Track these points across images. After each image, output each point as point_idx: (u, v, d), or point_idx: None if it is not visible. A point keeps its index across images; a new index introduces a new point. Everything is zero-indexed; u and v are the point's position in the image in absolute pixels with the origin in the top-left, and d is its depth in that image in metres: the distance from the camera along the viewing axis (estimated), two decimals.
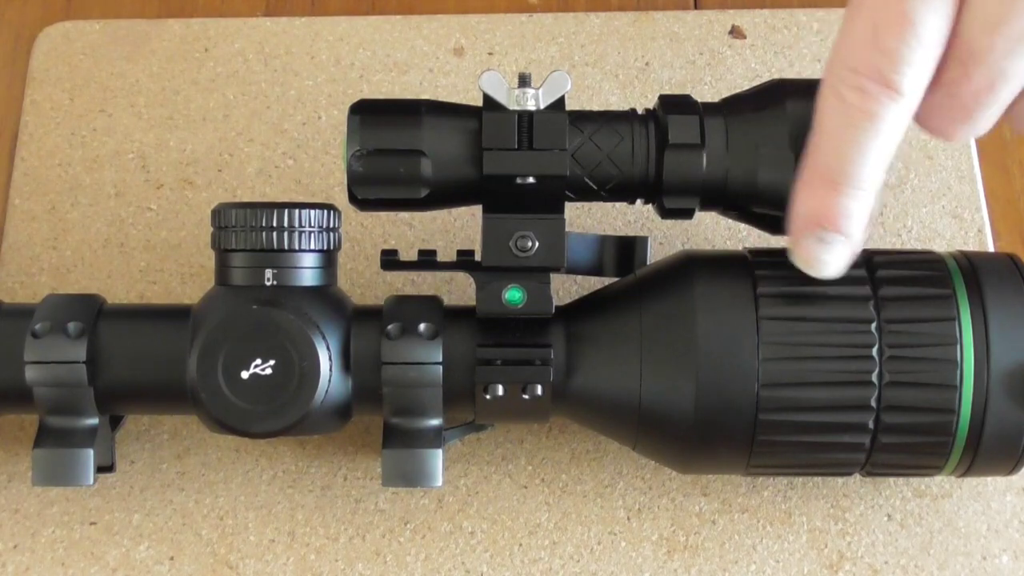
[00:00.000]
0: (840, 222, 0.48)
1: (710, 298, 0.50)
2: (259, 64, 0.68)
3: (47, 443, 0.52)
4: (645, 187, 0.51)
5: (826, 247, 0.48)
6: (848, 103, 0.46)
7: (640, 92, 0.67)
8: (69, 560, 0.57)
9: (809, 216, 0.48)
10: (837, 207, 0.47)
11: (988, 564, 0.57)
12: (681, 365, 0.50)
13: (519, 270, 0.51)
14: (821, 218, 0.48)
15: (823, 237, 0.48)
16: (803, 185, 0.48)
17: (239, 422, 0.50)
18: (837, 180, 0.47)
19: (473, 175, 0.50)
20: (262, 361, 0.49)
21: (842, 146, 0.47)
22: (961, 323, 0.49)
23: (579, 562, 0.57)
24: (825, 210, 0.48)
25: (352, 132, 0.50)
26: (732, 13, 0.69)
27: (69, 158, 0.66)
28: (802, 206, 0.48)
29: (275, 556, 0.57)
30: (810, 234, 0.48)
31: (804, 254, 0.49)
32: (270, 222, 0.50)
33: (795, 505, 0.58)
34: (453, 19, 0.70)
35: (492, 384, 0.51)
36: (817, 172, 0.48)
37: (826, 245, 0.48)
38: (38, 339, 0.51)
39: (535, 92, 0.49)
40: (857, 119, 0.46)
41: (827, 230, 0.48)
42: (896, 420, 0.49)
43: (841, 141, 0.47)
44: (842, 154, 0.47)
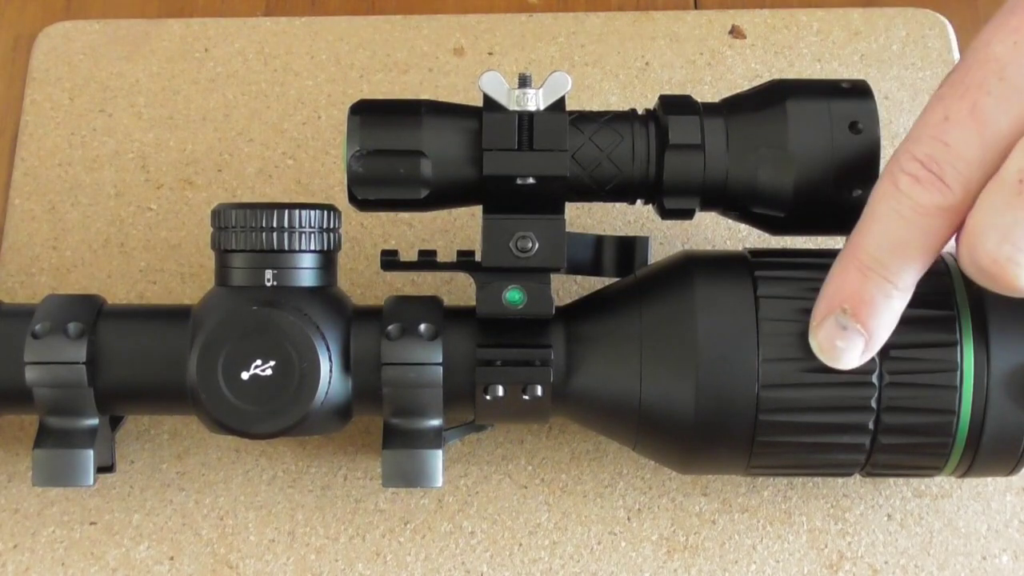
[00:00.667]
0: (862, 310, 0.47)
1: (710, 299, 0.50)
2: (259, 64, 0.68)
3: (47, 443, 0.52)
4: (645, 187, 0.51)
5: (843, 335, 0.47)
6: (899, 187, 0.46)
7: (640, 92, 0.67)
8: (69, 560, 0.57)
9: (833, 296, 0.48)
10: (863, 293, 0.47)
11: (988, 564, 0.57)
12: (681, 366, 0.50)
13: (519, 270, 0.51)
14: (844, 300, 0.47)
15: (843, 322, 0.47)
16: (837, 265, 0.48)
17: (239, 423, 0.50)
18: (870, 266, 0.47)
19: (473, 176, 0.50)
20: (262, 362, 0.49)
21: (882, 231, 0.46)
22: (961, 324, 0.49)
23: (579, 562, 0.57)
24: (850, 294, 0.47)
25: (352, 132, 0.50)
26: (732, 13, 0.69)
27: (69, 158, 0.66)
28: (831, 285, 0.48)
29: (275, 556, 0.57)
30: (832, 316, 0.48)
31: (822, 337, 0.48)
32: (270, 223, 0.50)
33: (795, 505, 0.58)
34: (453, 19, 0.70)
35: (492, 385, 0.51)
36: (854, 254, 0.47)
37: (843, 332, 0.47)
38: (38, 340, 0.51)
39: (535, 92, 0.49)
40: (903, 205, 0.46)
41: (847, 316, 0.47)
42: (896, 421, 0.49)
43: (882, 226, 0.46)
44: (880, 240, 0.46)
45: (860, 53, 0.68)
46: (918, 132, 0.46)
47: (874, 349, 0.48)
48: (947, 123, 0.45)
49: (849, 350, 0.48)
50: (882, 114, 0.50)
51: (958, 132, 0.45)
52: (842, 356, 0.48)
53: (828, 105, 0.50)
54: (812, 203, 0.50)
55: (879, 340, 0.48)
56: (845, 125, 0.50)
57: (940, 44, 0.68)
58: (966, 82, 0.45)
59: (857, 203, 0.49)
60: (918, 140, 0.46)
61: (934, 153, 0.45)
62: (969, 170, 0.45)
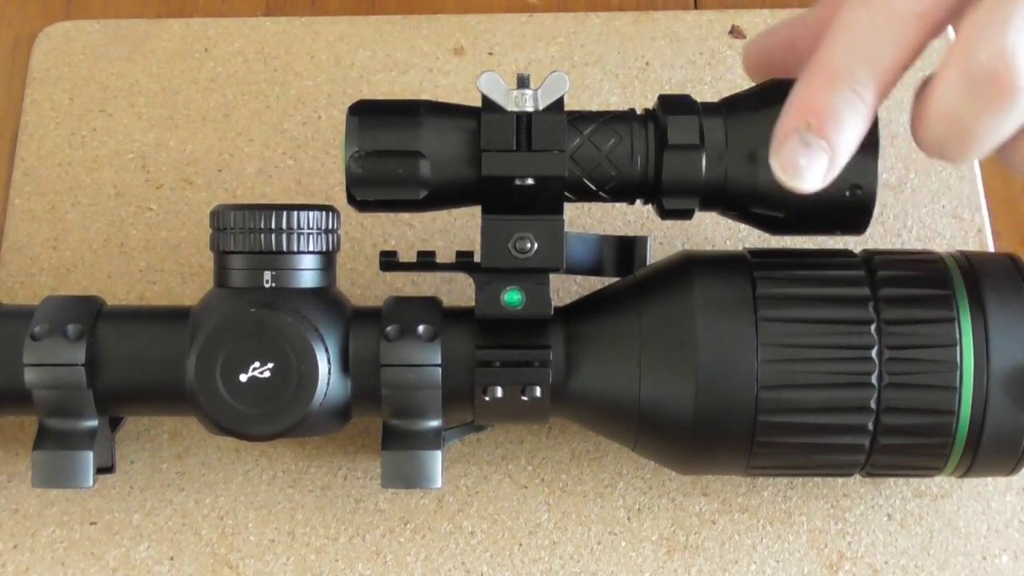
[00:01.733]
0: (828, 123, 0.45)
1: (709, 299, 0.50)
2: (259, 64, 0.68)
3: (47, 445, 0.52)
4: (644, 188, 0.51)
5: (806, 151, 0.45)
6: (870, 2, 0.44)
7: (640, 92, 0.67)
8: (69, 560, 0.57)
9: (798, 110, 0.46)
10: (829, 105, 0.45)
11: (988, 564, 0.57)
12: (680, 366, 0.49)
13: (518, 271, 0.51)
14: (808, 112, 0.45)
15: (806, 139, 0.45)
16: (802, 78, 0.46)
17: (237, 425, 0.50)
18: (838, 76, 0.45)
19: (472, 176, 0.50)
20: (260, 364, 0.49)
21: (852, 41, 0.45)
22: (961, 324, 0.49)
23: (579, 562, 0.57)
24: (816, 106, 0.45)
25: (351, 133, 0.50)
26: (732, 13, 0.69)
27: (69, 158, 0.66)
28: (795, 100, 0.46)
29: (275, 556, 0.57)
30: (794, 132, 0.45)
31: (784, 155, 0.46)
32: (269, 224, 0.50)
33: (795, 505, 0.58)
34: (453, 19, 0.70)
35: (491, 386, 0.51)
36: (820, 67, 0.45)
37: (807, 149, 0.45)
38: (37, 341, 0.51)
39: (533, 93, 0.49)
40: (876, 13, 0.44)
41: (811, 131, 0.45)
42: (896, 422, 0.49)
43: (852, 35, 0.45)
44: (850, 50, 0.45)
45: None
46: None
47: (837, 167, 0.46)
48: None
49: (812, 168, 0.45)
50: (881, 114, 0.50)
51: None
52: (805, 174, 0.46)
53: None
54: (811, 203, 0.50)
55: (843, 157, 0.46)
56: None
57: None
58: None
59: (856, 203, 0.49)
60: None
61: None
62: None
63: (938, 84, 0.44)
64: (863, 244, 0.58)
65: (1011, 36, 0.41)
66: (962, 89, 0.43)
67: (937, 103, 0.44)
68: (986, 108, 0.43)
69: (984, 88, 0.42)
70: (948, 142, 0.45)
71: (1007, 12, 0.42)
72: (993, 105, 0.43)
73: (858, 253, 0.52)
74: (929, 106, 0.45)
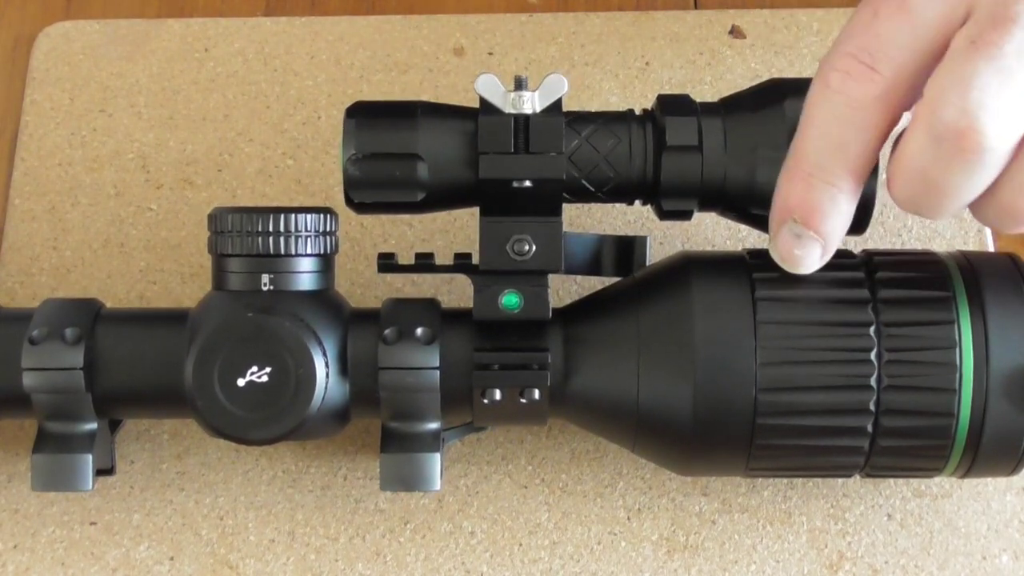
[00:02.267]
0: (812, 218, 0.47)
1: (708, 301, 0.50)
2: (259, 64, 0.68)
3: (46, 448, 0.52)
4: (643, 189, 0.51)
5: (799, 242, 0.48)
6: (830, 86, 0.46)
7: (640, 92, 0.67)
8: (69, 560, 0.57)
9: (783, 207, 0.48)
10: (809, 201, 0.47)
11: (988, 564, 0.57)
12: (679, 368, 0.49)
13: (516, 273, 0.51)
14: (793, 210, 0.47)
15: (796, 231, 0.47)
16: (782, 174, 0.48)
17: (235, 429, 0.49)
18: (812, 172, 0.47)
19: (470, 178, 0.50)
20: (258, 368, 0.49)
21: (819, 135, 0.46)
22: (960, 325, 0.49)
23: (579, 562, 0.57)
24: (798, 203, 0.47)
25: (348, 136, 0.49)
26: (732, 13, 0.69)
27: (69, 158, 0.66)
28: (778, 196, 0.48)
29: (275, 556, 0.57)
30: (784, 227, 0.48)
31: (779, 247, 0.49)
32: (266, 227, 0.50)
33: (795, 505, 0.58)
34: (453, 19, 0.69)
35: (489, 389, 0.51)
36: (796, 162, 0.47)
37: (798, 240, 0.48)
38: (35, 345, 0.51)
39: (531, 95, 0.49)
40: (837, 104, 0.45)
41: (798, 224, 0.47)
42: (895, 423, 0.49)
43: (819, 130, 0.46)
44: (818, 144, 0.46)
45: None
46: (848, 32, 0.46)
47: (831, 250, 0.48)
48: (876, 19, 0.45)
49: (807, 256, 0.48)
50: None
51: (888, 24, 0.45)
52: (802, 262, 0.48)
53: None
54: None
55: (834, 241, 0.48)
56: None
57: None
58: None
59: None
60: (847, 39, 0.46)
61: (864, 44, 0.45)
62: (901, 56, 0.45)
63: (907, 143, 0.45)
64: (863, 244, 0.58)
65: (973, 96, 0.42)
66: (930, 148, 0.44)
67: (907, 162, 0.45)
68: (954, 166, 0.44)
69: (950, 147, 0.43)
70: (921, 199, 0.46)
71: (969, 72, 0.42)
72: (960, 163, 0.43)
73: (858, 254, 0.52)
74: (900, 165, 0.46)
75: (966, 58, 0.43)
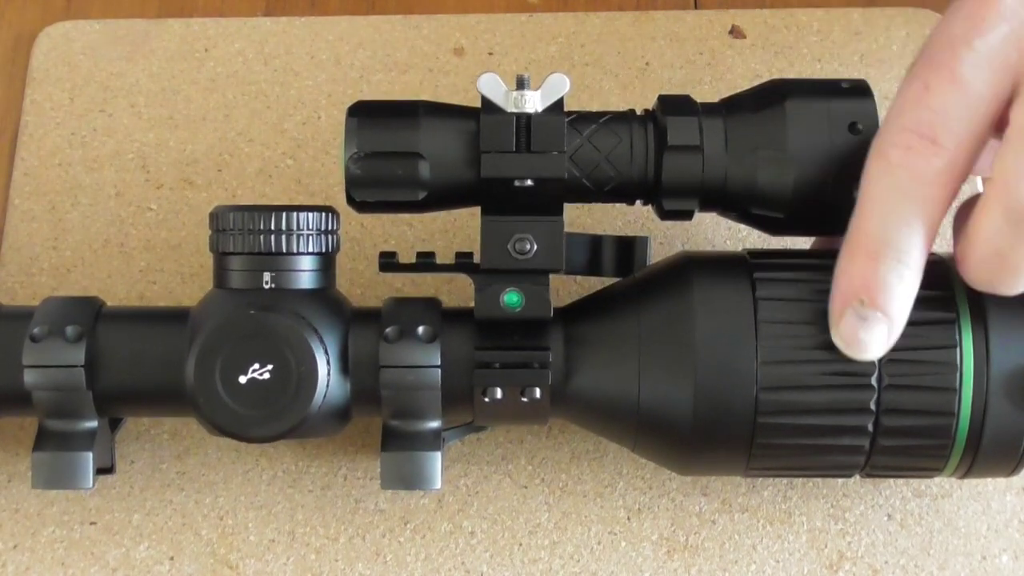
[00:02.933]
0: (879, 297, 0.46)
1: (709, 301, 0.50)
2: (259, 64, 0.68)
3: (46, 447, 0.52)
4: (644, 189, 0.51)
5: (864, 325, 0.46)
6: (892, 162, 0.45)
7: (640, 92, 0.67)
8: (69, 560, 0.57)
9: (847, 289, 0.47)
10: (876, 280, 0.46)
11: (988, 564, 0.57)
12: (680, 368, 0.49)
13: (517, 272, 0.51)
14: (859, 291, 0.46)
15: (862, 313, 0.46)
16: (844, 256, 0.47)
17: (237, 427, 0.49)
18: (877, 250, 0.46)
19: (471, 178, 0.50)
20: (260, 366, 0.49)
21: (884, 212, 0.46)
22: (961, 325, 0.49)
23: (579, 562, 0.57)
24: (863, 282, 0.46)
25: (349, 135, 0.49)
26: (732, 13, 0.69)
27: (69, 158, 0.66)
28: (842, 278, 0.47)
29: (275, 556, 0.57)
30: (849, 309, 0.47)
31: (844, 333, 0.47)
32: (268, 225, 0.50)
33: (795, 505, 0.58)
34: (453, 19, 0.69)
35: (490, 387, 0.51)
36: (858, 241, 0.46)
37: (864, 323, 0.46)
38: (37, 343, 0.51)
39: (533, 94, 0.49)
40: (900, 178, 0.45)
41: (865, 306, 0.46)
42: (895, 423, 0.49)
43: (883, 206, 0.46)
44: (883, 220, 0.46)
45: (860, 53, 0.68)
46: (900, 107, 0.46)
47: (898, 332, 0.47)
48: (928, 92, 0.45)
49: (874, 340, 0.47)
50: (882, 114, 0.50)
51: (941, 97, 0.45)
52: (868, 347, 0.47)
53: (827, 105, 0.50)
54: (812, 204, 0.50)
55: (901, 322, 0.47)
56: (844, 125, 0.50)
57: None
58: (937, 58, 0.45)
59: None
60: (902, 113, 0.46)
61: (920, 118, 0.45)
62: (959, 127, 0.44)
63: (982, 223, 0.45)
64: None
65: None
66: (1007, 228, 0.44)
67: (983, 243, 0.45)
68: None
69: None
70: (997, 279, 0.46)
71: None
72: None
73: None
74: (975, 245, 0.45)
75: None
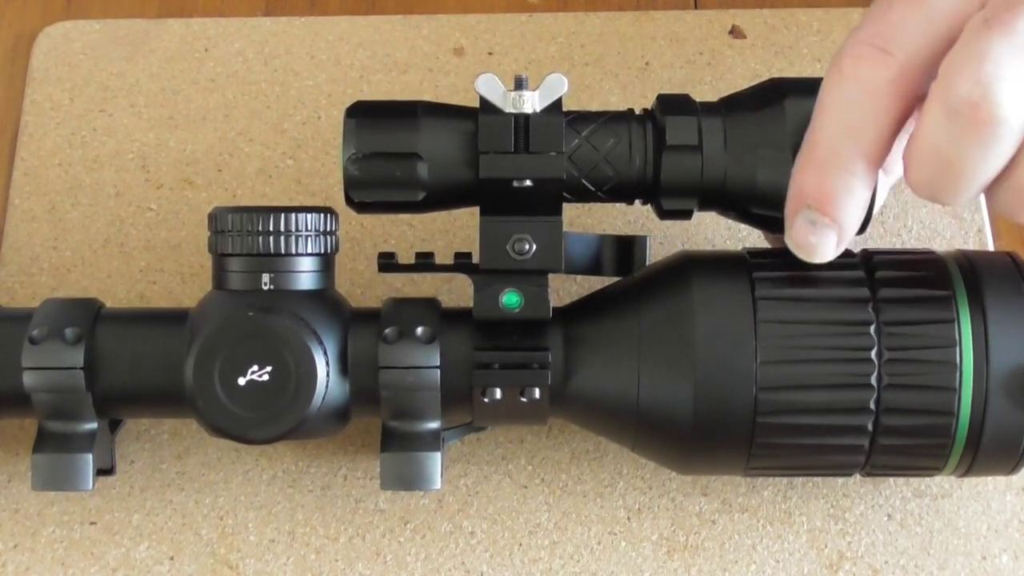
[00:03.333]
0: (827, 204, 0.47)
1: (708, 300, 0.50)
2: (259, 64, 0.68)
3: (46, 448, 0.52)
4: (643, 188, 0.51)
5: (814, 230, 0.48)
6: (843, 72, 0.46)
7: (640, 92, 0.67)
8: (69, 560, 0.57)
9: (798, 195, 0.48)
10: (824, 187, 0.47)
11: (988, 564, 0.57)
12: (679, 367, 0.49)
13: (517, 272, 0.51)
14: (808, 197, 0.47)
15: (812, 219, 0.47)
16: (796, 163, 0.48)
17: (236, 428, 0.49)
18: (826, 159, 0.47)
19: (470, 178, 0.50)
20: (259, 367, 0.49)
21: (833, 121, 0.46)
22: (960, 324, 0.49)
23: (579, 562, 0.57)
24: (812, 189, 0.47)
25: (348, 135, 0.49)
26: (732, 13, 0.69)
27: (69, 158, 0.66)
28: (793, 184, 0.48)
29: (275, 556, 0.57)
30: (800, 214, 0.48)
31: (795, 236, 0.48)
32: (267, 226, 0.50)
33: (795, 505, 0.58)
34: (453, 19, 0.69)
35: (490, 388, 0.51)
36: (809, 149, 0.47)
37: (814, 227, 0.48)
38: (36, 345, 0.51)
39: (532, 94, 0.49)
40: (850, 88, 0.46)
41: (814, 211, 0.47)
42: (895, 422, 0.49)
43: (832, 115, 0.46)
44: (832, 130, 0.46)
45: None
46: (861, 23, 0.46)
47: (847, 238, 0.48)
48: (891, 8, 0.45)
49: (822, 244, 0.48)
50: None
51: (901, 12, 0.45)
52: (817, 250, 0.48)
53: None
54: None
55: (850, 228, 0.48)
56: None
57: None
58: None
59: None
60: (861, 27, 0.46)
61: (877, 31, 0.45)
62: (914, 40, 0.45)
63: (922, 123, 0.45)
64: (863, 244, 0.58)
65: (987, 69, 0.42)
66: (945, 124, 0.44)
67: (922, 141, 0.45)
68: (969, 141, 0.43)
69: (965, 121, 0.43)
70: (937, 181, 0.46)
71: (983, 48, 0.43)
72: (976, 138, 0.43)
73: (857, 253, 0.52)
74: (915, 146, 0.45)
75: (980, 36, 0.43)
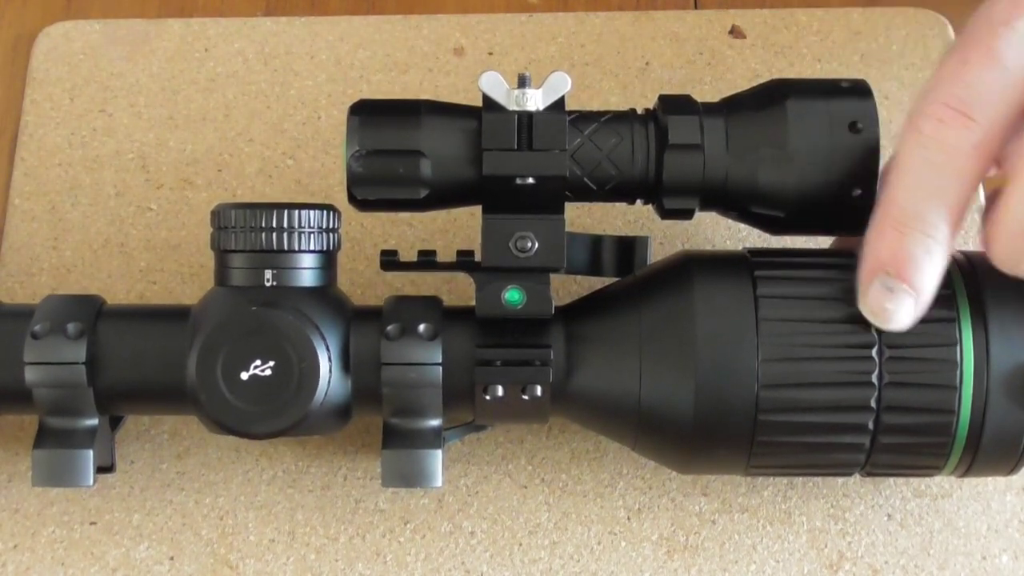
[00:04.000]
0: (906, 270, 0.46)
1: (710, 299, 0.50)
2: (259, 64, 0.68)
3: (47, 444, 0.52)
4: (645, 187, 0.51)
5: (891, 296, 0.47)
6: (924, 134, 0.45)
7: (640, 92, 0.67)
8: (69, 560, 0.57)
9: (875, 261, 0.47)
10: (903, 252, 0.46)
11: (988, 564, 0.57)
12: (680, 366, 0.49)
13: (519, 270, 0.51)
14: (886, 263, 0.46)
15: (888, 285, 0.46)
16: (872, 227, 0.47)
17: (238, 423, 0.50)
18: (905, 222, 0.46)
19: (472, 176, 0.50)
20: (261, 362, 0.49)
21: (914, 184, 0.45)
22: (961, 323, 0.49)
23: (579, 562, 0.57)
24: (890, 255, 0.46)
25: (351, 133, 0.50)
26: (732, 13, 0.69)
27: (69, 158, 0.66)
28: (869, 250, 0.47)
29: (275, 556, 0.57)
30: (876, 281, 0.47)
31: (871, 302, 0.47)
32: (269, 223, 0.50)
33: (795, 505, 0.58)
34: (453, 19, 0.70)
35: (492, 385, 0.51)
36: (887, 213, 0.46)
37: (891, 294, 0.47)
38: (38, 340, 0.51)
39: (535, 93, 0.49)
40: (931, 151, 0.45)
41: (891, 277, 0.46)
42: (896, 421, 0.49)
43: (913, 178, 0.45)
44: (913, 193, 0.45)
45: (860, 53, 0.68)
46: (936, 81, 0.45)
47: (925, 304, 0.47)
48: (965, 67, 0.45)
49: (900, 311, 0.47)
50: (882, 114, 0.50)
51: (978, 72, 0.44)
52: (894, 317, 0.47)
53: (828, 105, 0.50)
54: (812, 203, 0.50)
55: (928, 295, 0.47)
56: (845, 125, 0.50)
57: (940, 44, 0.68)
58: (976, 36, 0.45)
59: (857, 203, 0.49)
60: (938, 86, 0.45)
61: (956, 92, 0.44)
62: (994, 104, 0.44)
63: (1011, 198, 0.44)
64: None
65: None
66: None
67: (1010, 216, 0.45)
68: None
69: None
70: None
71: None
72: None
73: None
74: (1001, 224, 0.45)
75: None
